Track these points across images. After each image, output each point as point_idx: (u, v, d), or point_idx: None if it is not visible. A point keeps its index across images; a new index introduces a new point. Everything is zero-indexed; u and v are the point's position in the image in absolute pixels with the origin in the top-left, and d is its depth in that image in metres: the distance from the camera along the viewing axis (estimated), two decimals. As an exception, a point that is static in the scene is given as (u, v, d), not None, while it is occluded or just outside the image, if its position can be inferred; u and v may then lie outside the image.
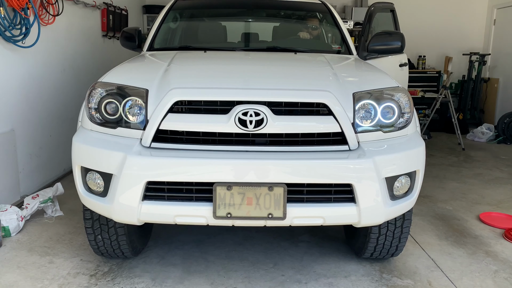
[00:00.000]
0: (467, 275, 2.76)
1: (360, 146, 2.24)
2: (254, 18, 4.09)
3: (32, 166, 4.02)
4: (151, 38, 3.54)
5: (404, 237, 2.69)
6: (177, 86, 2.25)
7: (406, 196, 2.36)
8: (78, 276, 2.65)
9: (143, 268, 2.75)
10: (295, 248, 3.06)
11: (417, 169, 2.34)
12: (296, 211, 2.15)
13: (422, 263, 2.89)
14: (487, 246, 3.18)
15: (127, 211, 2.17)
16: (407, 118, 2.38)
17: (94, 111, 2.32)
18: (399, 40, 3.34)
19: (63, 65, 4.62)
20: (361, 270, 2.78)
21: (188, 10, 4.00)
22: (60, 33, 4.51)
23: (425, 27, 8.56)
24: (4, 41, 3.50)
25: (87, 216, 2.57)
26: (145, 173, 2.12)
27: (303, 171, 2.12)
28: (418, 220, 3.60)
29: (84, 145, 2.28)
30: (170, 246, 3.05)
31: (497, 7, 8.39)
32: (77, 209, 3.54)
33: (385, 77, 2.61)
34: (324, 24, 4.00)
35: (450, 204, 4.05)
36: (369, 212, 2.20)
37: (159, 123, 2.18)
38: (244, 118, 2.15)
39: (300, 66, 2.95)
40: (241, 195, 2.11)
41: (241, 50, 3.56)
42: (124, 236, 2.62)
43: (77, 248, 3.01)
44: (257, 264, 2.83)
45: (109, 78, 2.42)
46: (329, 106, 2.21)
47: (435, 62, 8.78)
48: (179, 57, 2.94)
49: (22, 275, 2.65)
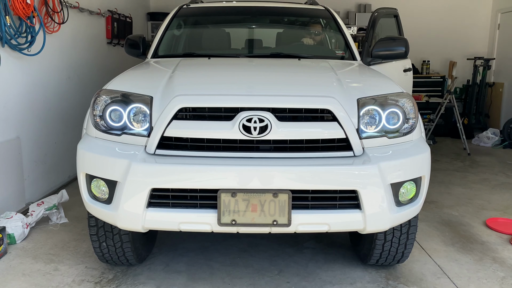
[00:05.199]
0: (474, 281, 2.73)
1: (365, 152, 2.23)
2: (257, 24, 4.11)
3: (37, 173, 4.03)
4: (155, 45, 3.55)
5: (410, 244, 2.67)
6: (181, 93, 2.26)
7: (412, 202, 2.34)
8: (83, 284, 2.65)
9: (148, 276, 2.74)
10: (300, 254, 3.04)
11: (422, 175, 2.33)
12: (301, 218, 2.14)
13: (428, 270, 2.86)
14: (494, 252, 3.15)
15: (132, 218, 2.18)
16: (412, 124, 2.37)
17: (98, 118, 2.33)
18: (403, 45, 3.33)
19: (68, 73, 4.65)
20: (367, 277, 2.76)
21: (192, 17, 4.02)
22: (65, 41, 4.55)
23: (429, 32, 8.55)
24: (10, 49, 3.53)
25: (91, 223, 2.58)
26: (149, 180, 2.12)
27: (307, 178, 2.11)
28: (424, 226, 3.57)
29: (89, 153, 2.29)
30: (174, 253, 3.04)
31: (501, 11, 8.38)
32: (82, 216, 3.55)
33: (389, 83, 2.61)
34: (328, 30, 4.00)
35: (456, 210, 4.02)
36: (374, 218, 2.18)
37: (163, 130, 2.18)
38: (248, 125, 2.15)
39: (304, 72, 2.95)
40: (246, 202, 2.11)
41: (245, 56, 3.57)
42: (129, 243, 2.62)
43: (82, 255, 3.01)
44: (262, 271, 2.82)
45: (114, 86, 2.43)
46: (333, 112, 2.20)
47: (439, 67, 8.76)
48: (183, 64, 2.95)
49: (27, 283, 2.66)
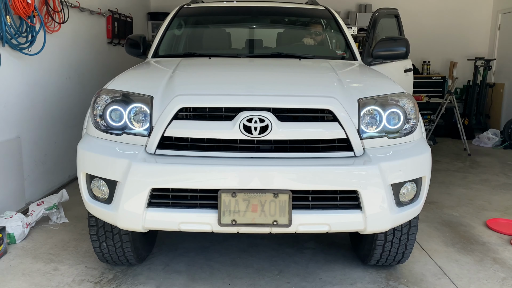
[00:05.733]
0: (475, 282, 2.73)
1: (365, 152, 2.23)
2: (258, 24, 4.11)
3: (37, 172, 4.03)
4: (155, 45, 3.55)
5: (411, 244, 2.66)
6: (181, 93, 2.26)
7: (412, 202, 2.34)
8: (83, 283, 2.64)
9: (148, 276, 2.74)
10: (300, 255, 3.04)
11: (423, 175, 2.32)
12: (302, 218, 2.14)
13: (429, 270, 2.86)
14: (494, 253, 3.14)
15: (132, 218, 2.17)
16: (413, 124, 2.36)
17: (99, 118, 2.32)
18: (404, 45, 3.33)
19: (68, 72, 4.64)
20: (367, 277, 2.75)
21: (193, 17, 4.02)
22: (65, 40, 4.54)
23: (430, 32, 8.55)
24: (11, 49, 3.53)
25: (92, 223, 2.57)
26: (150, 180, 2.11)
27: (308, 178, 2.11)
28: (425, 227, 3.57)
29: (89, 152, 2.29)
30: (174, 253, 3.04)
31: (502, 12, 8.37)
32: (82, 216, 3.54)
33: (390, 83, 2.60)
34: (328, 30, 4.00)
35: (457, 210, 4.01)
36: (375, 219, 2.18)
37: (164, 130, 2.18)
38: (248, 125, 2.14)
39: (305, 72, 2.95)
40: (246, 202, 2.10)
41: (245, 56, 3.56)
42: (129, 243, 2.61)
43: (82, 255, 3.01)
44: (262, 271, 2.81)
45: (114, 85, 2.43)
46: (334, 112, 2.20)
47: (440, 67, 8.75)
48: (183, 64, 2.95)
49: (27, 282, 2.65)
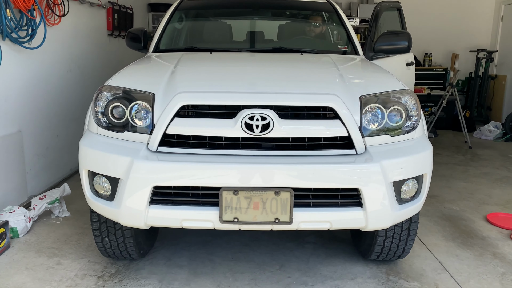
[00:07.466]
0: (474, 277, 2.75)
1: (367, 150, 2.23)
2: (259, 18, 4.08)
3: (39, 166, 4.04)
4: (156, 39, 3.53)
5: (411, 240, 2.68)
6: (183, 90, 2.25)
7: (414, 199, 2.35)
8: (86, 278, 2.67)
9: (150, 270, 2.76)
10: (301, 249, 3.06)
11: (424, 172, 2.33)
12: (303, 216, 2.15)
13: (429, 265, 2.88)
14: (494, 247, 3.16)
15: (134, 215, 2.19)
16: (415, 121, 2.36)
17: (101, 115, 2.32)
18: (406, 40, 3.31)
19: (69, 65, 4.63)
20: (368, 272, 2.77)
21: (194, 10, 3.99)
22: (66, 33, 4.52)
23: (432, 24, 8.50)
24: (11, 43, 3.51)
25: (94, 219, 2.59)
26: (152, 177, 2.12)
27: (309, 176, 2.12)
28: (425, 221, 3.59)
29: (91, 149, 2.29)
30: (176, 247, 3.06)
31: (504, 3, 8.30)
32: (84, 210, 3.56)
33: (392, 79, 2.59)
34: (330, 24, 3.97)
35: (457, 204, 4.03)
36: (376, 216, 2.19)
37: (165, 128, 2.18)
38: (250, 123, 2.14)
39: (306, 68, 2.94)
40: (248, 200, 2.11)
41: (247, 51, 3.55)
42: (131, 238, 2.63)
43: (85, 249, 3.03)
44: (263, 265, 2.84)
45: (116, 82, 2.42)
46: (336, 110, 2.20)
47: (442, 59, 8.71)
48: (185, 59, 2.94)
49: (30, 277, 2.68)
